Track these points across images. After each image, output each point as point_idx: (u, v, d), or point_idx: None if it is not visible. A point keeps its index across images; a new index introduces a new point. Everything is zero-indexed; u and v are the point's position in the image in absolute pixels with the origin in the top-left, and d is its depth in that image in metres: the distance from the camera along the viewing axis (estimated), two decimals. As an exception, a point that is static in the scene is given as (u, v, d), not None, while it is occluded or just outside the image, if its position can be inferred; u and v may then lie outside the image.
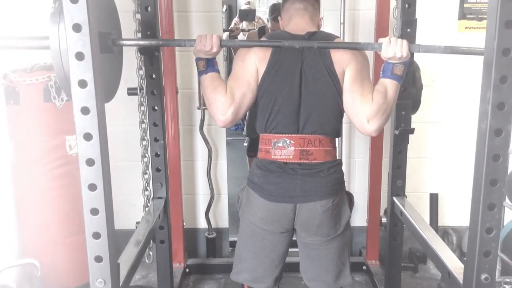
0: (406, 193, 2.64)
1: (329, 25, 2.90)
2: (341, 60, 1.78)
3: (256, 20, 5.23)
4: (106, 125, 1.52)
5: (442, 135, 3.10)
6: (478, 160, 1.45)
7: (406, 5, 2.24)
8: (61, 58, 1.52)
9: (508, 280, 2.82)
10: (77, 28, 1.32)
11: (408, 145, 3.04)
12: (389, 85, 1.74)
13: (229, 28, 4.13)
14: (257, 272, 1.91)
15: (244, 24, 5.30)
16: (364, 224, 3.03)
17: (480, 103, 1.44)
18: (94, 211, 1.44)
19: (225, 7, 7.07)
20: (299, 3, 1.91)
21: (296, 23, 1.91)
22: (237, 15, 5.38)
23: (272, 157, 1.81)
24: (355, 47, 1.83)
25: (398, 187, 2.43)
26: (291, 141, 1.79)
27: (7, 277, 2.47)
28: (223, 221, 3.20)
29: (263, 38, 2.03)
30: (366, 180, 3.01)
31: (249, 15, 5.01)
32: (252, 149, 3.64)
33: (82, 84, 1.35)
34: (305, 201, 1.79)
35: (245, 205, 1.90)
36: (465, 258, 1.60)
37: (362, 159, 3.07)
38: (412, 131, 2.36)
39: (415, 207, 2.79)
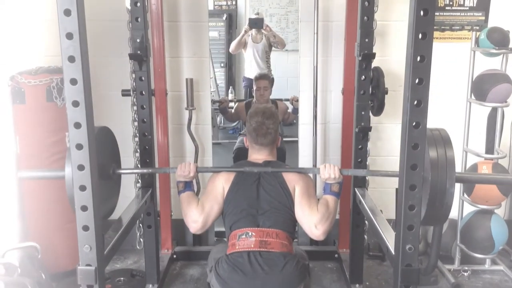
0: (375, 188, 2.91)
1: (304, 35, 3.20)
2: (291, 179, 2.25)
3: (264, 27, 5.53)
4: (102, 122, 1.82)
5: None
6: (402, 148, 1.73)
7: (365, 18, 2.54)
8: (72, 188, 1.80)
9: (466, 268, 3.09)
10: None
11: (380, 145, 3.34)
12: (329, 200, 2.22)
13: (218, 100, 4.54)
14: None
15: (253, 32, 5.64)
16: (337, 216, 3.30)
17: (403, 101, 1.72)
18: (82, 187, 1.73)
19: (225, 16, 7.39)
20: (259, 146, 2.37)
21: (256, 157, 2.39)
22: (247, 23, 5.72)
23: (237, 247, 2.15)
24: (300, 171, 2.41)
25: (359, 180, 2.71)
26: (253, 233, 2.17)
27: (11, 259, 2.72)
28: (209, 213, 3.47)
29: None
30: (339, 176, 3.28)
31: (258, 23, 5.39)
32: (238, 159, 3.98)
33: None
34: None
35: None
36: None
37: (336, 157, 3.34)
38: (369, 129, 2.64)
39: (384, 202, 3.07)
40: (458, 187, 3.10)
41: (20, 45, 2.93)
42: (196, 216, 2.22)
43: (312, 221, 2.16)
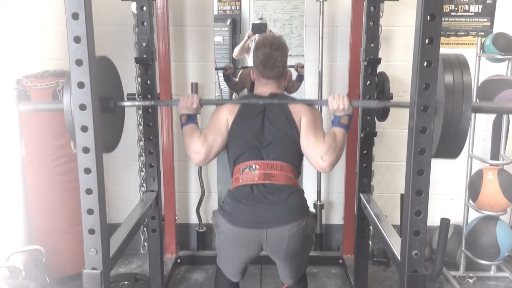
0: (381, 193, 2.90)
1: (309, 40, 3.20)
2: (297, 111, 2.16)
3: (267, 32, 5.55)
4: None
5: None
6: (408, 153, 1.73)
7: (371, 23, 2.55)
8: (71, 115, 1.81)
9: (471, 274, 3.08)
10: (77, 40, 1.64)
11: (385, 150, 3.33)
12: (337, 131, 2.12)
13: (223, 67, 4.44)
14: (230, 270, 2.20)
15: (256, 37, 5.66)
16: (342, 222, 3.31)
17: (409, 106, 1.72)
18: (89, 191, 1.73)
19: (229, 20, 7.41)
20: (266, 79, 2.25)
21: (262, 90, 2.27)
22: (250, 28, 5.73)
23: (240, 181, 2.09)
24: (308, 103, 2.27)
25: (364, 185, 2.71)
26: (256, 166, 2.09)
27: (15, 262, 2.72)
28: (213, 217, 3.48)
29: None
30: (343, 181, 3.28)
31: (261, 28, 5.39)
32: None
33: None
34: (271, 226, 1.99)
35: (218, 230, 2.15)
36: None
37: (340, 162, 3.32)
38: (375, 134, 2.64)
39: (389, 207, 3.07)
40: (463, 193, 3.10)
41: (26, 49, 2.95)
42: (199, 147, 2.13)
43: (318, 152, 2.06)
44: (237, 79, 4.18)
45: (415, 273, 1.77)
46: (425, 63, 1.63)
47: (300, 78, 3.75)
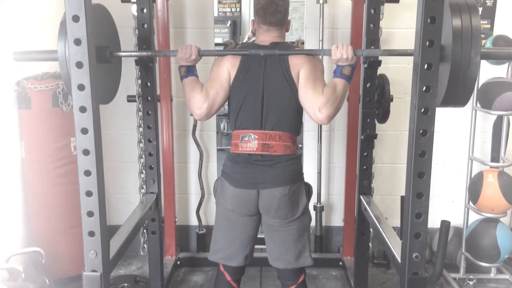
0: (382, 195, 2.89)
1: (309, 42, 3.20)
2: (296, 64, 2.08)
3: None
4: (107, 128, 1.81)
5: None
6: (409, 156, 1.73)
7: (371, 25, 2.55)
8: (67, 66, 1.81)
9: (472, 276, 3.07)
10: (77, 42, 1.63)
11: (385, 152, 3.33)
12: (338, 83, 2.05)
13: (223, 42, 4.39)
14: (229, 251, 2.21)
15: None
16: (342, 224, 3.30)
17: (410, 108, 1.72)
18: (89, 193, 1.73)
19: (229, 22, 7.42)
20: (267, 26, 2.17)
21: (263, 38, 2.20)
22: (251, 29, 5.75)
23: (240, 149, 2.12)
24: (309, 53, 2.18)
25: (364, 187, 2.70)
26: (255, 136, 2.10)
27: (15, 264, 2.71)
28: (213, 219, 3.40)
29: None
30: (343, 183, 3.28)
31: None
32: None
33: (81, 87, 1.66)
34: (265, 187, 2.08)
35: (219, 193, 2.22)
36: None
37: (340, 164, 3.34)
38: (375, 136, 2.64)
39: (390, 209, 3.06)
40: (463, 195, 3.10)
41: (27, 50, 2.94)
42: (201, 103, 2.08)
43: (316, 103, 2.00)
44: None
45: (415, 276, 1.77)
46: (426, 66, 1.63)
47: None
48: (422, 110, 1.66)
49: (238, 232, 2.19)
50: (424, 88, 1.64)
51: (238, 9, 7.59)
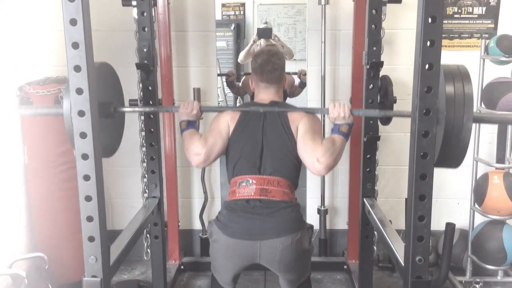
0: (386, 198, 2.87)
1: (311, 44, 3.19)
2: (295, 119, 2.15)
3: (272, 37, 5.56)
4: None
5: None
6: (411, 157, 1.71)
7: (373, 26, 2.53)
8: (71, 121, 1.78)
9: (478, 280, 3.04)
10: (75, 46, 1.62)
11: (389, 154, 3.31)
12: (336, 138, 2.09)
13: (226, 73, 4.47)
14: (223, 279, 2.20)
15: (262, 42, 5.68)
16: (346, 227, 3.27)
17: (411, 110, 1.70)
18: (88, 198, 1.72)
19: (233, 25, 7.42)
20: (265, 84, 2.25)
21: (262, 97, 2.27)
22: (256, 33, 5.74)
23: (237, 195, 2.08)
24: (308, 111, 2.24)
25: (368, 189, 2.68)
26: (253, 181, 2.08)
27: (18, 269, 2.71)
28: (217, 223, 3.46)
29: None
30: (347, 185, 3.25)
31: (266, 33, 5.41)
32: None
33: (79, 91, 1.65)
34: (265, 239, 1.99)
35: (212, 240, 2.14)
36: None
37: (344, 166, 3.31)
38: (378, 138, 2.61)
39: (395, 211, 3.03)
40: (469, 197, 3.06)
41: (28, 55, 2.95)
42: (199, 149, 2.11)
43: (314, 154, 2.00)
44: (240, 84, 4.18)
45: (419, 279, 1.75)
46: (427, 66, 1.61)
47: (303, 85, 3.79)
48: (424, 111, 1.64)
49: (230, 272, 2.15)
50: (426, 89, 1.62)
51: (242, 12, 7.59)
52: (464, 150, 1.73)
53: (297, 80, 4.19)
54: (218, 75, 3.62)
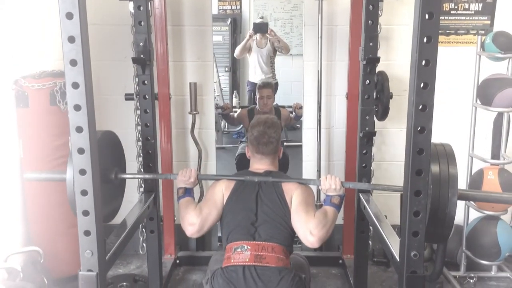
0: (381, 193, 2.88)
1: (308, 39, 3.19)
2: (290, 189, 2.20)
3: (268, 32, 5.55)
4: (105, 126, 1.79)
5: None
6: (407, 153, 1.71)
7: (370, 22, 2.53)
8: (73, 191, 1.79)
9: (472, 274, 3.06)
10: (71, 39, 1.62)
11: (385, 150, 3.32)
12: (328, 210, 2.16)
13: (221, 106, 4.52)
14: None
15: (258, 36, 5.67)
16: (341, 222, 3.28)
17: (408, 105, 1.70)
18: (84, 192, 1.72)
19: (229, 20, 7.40)
20: (260, 155, 2.33)
21: (257, 166, 2.34)
22: (252, 28, 5.73)
23: (232, 261, 2.08)
24: (302, 182, 2.29)
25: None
26: (248, 247, 2.10)
27: (13, 263, 2.71)
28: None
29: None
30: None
31: (262, 27, 5.41)
32: (240, 165, 3.99)
33: (75, 85, 1.65)
34: None
35: None
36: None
37: (340, 161, 3.32)
38: (374, 134, 2.62)
39: (390, 206, 3.04)
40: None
41: (24, 49, 2.94)
42: (194, 219, 2.18)
43: (307, 227, 2.07)
44: (235, 115, 4.27)
45: (414, 274, 1.75)
46: (423, 62, 1.61)
47: (298, 117, 3.94)
48: (420, 107, 1.64)
49: None
50: (422, 84, 1.62)
51: (238, 7, 7.57)
52: (451, 225, 1.78)
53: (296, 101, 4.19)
54: (216, 107, 3.81)
